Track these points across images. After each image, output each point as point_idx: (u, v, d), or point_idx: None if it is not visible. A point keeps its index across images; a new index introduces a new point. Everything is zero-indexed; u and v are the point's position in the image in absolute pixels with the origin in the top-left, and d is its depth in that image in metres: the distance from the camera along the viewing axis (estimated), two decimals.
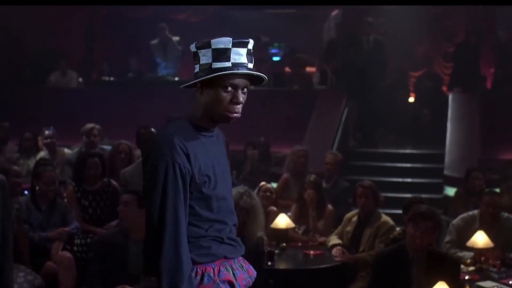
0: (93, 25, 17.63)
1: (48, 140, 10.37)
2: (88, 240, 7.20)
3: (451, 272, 5.61)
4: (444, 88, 14.41)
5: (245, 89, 3.27)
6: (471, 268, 6.47)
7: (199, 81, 3.26)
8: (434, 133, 12.83)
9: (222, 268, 3.28)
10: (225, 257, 3.31)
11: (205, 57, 3.24)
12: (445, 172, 11.14)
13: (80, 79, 15.97)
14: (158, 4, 15.66)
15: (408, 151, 12.67)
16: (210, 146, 3.31)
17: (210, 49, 3.23)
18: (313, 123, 12.41)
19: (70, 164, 9.32)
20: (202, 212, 3.24)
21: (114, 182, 7.62)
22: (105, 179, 7.64)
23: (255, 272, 3.50)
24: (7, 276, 4.72)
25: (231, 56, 3.21)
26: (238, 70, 3.20)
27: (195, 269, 3.21)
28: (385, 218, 7.24)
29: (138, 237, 6.05)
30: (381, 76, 12.86)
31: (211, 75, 3.20)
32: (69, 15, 16.39)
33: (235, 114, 3.25)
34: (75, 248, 7.20)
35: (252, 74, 3.25)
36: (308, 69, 15.34)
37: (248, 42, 3.27)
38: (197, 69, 3.28)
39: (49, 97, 14.44)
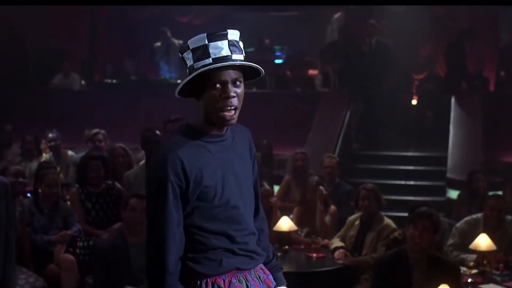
0: (97, 27, 17.64)
1: (53, 143, 10.36)
2: (91, 242, 7.21)
3: (451, 276, 5.61)
4: (445, 90, 14.39)
5: (238, 82, 3.10)
6: (474, 271, 6.47)
7: (183, 86, 3.12)
8: (437, 136, 12.83)
9: (233, 280, 3.18)
10: (239, 269, 3.20)
11: (188, 60, 3.13)
12: (448, 174, 11.13)
13: (83, 81, 15.97)
14: (160, 4, 15.63)
15: (410, 153, 12.66)
16: (219, 152, 3.17)
17: (190, 50, 3.12)
18: (316, 125, 12.40)
19: (75, 166, 9.34)
20: (207, 225, 3.14)
21: (118, 185, 7.62)
22: (110, 182, 7.64)
23: (274, 283, 3.38)
24: (10, 278, 4.72)
25: (210, 51, 3.07)
26: (217, 64, 3.04)
27: (205, 281, 3.14)
28: (387, 221, 7.24)
29: (138, 240, 6.06)
30: (384, 79, 12.85)
31: (189, 77, 3.08)
32: (72, 16, 16.39)
33: (229, 110, 3.08)
34: (78, 251, 7.21)
35: (239, 65, 3.10)
36: (311, 71, 15.34)
37: (226, 33, 3.12)
38: (187, 72, 3.15)
39: (52, 99, 14.44)
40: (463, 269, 6.35)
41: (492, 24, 14.97)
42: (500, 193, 8.35)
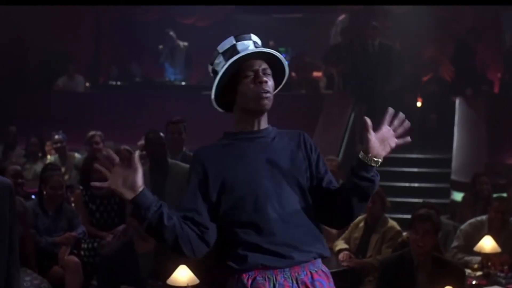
0: (101, 30, 17.67)
1: (58, 145, 10.37)
2: (95, 244, 7.21)
3: (456, 278, 5.61)
4: (450, 93, 14.38)
5: (268, 73, 3.26)
6: (479, 273, 6.46)
7: (218, 95, 3.29)
8: (441, 138, 12.80)
9: (259, 278, 3.15)
10: (265, 266, 3.16)
11: (220, 64, 3.26)
12: (452, 177, 11.12)
13: (87, 84, 15.99)
14: (161, 4, 15.62)
15: (415, 155, 12.64)
16: (250, 147, 3.26)
17: (220, 55, 3.27)
18: (320, 127, 12.40)
19: (77, 169, 9.33)
20: (234, 217, 3.18)
21: None
22: None
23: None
24: (14, 280, 4.72)
25: (238, 48, 3.25)
26: (246, 52, 3.23)
27: (232, 276, 3.18)
28: (392, 223, 7.23)
29: (146, 247, 6.06)
30: (387, 80, 12.85)
31: (222, 70, 3.22)
32: (77, 19, 16.42)
33: (264, 93, 3.22)
34: (82, 253, 7.21)
35: (267, 60, 3.28)
36: (315, 73, 15.33)
37: (250, 35, 3.33)
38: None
39: (56, 101, 14.46)
40: (467, 271, 6.35)
41: (495, 26, 14.97)
42: (504, 195, 8.34)
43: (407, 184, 11.66)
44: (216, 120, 2.79)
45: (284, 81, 3.42)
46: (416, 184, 11.71)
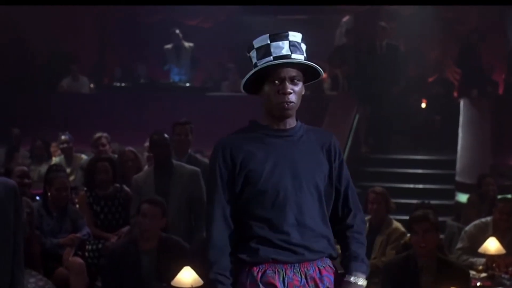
0: (106, 31, 17.68)
1: (65, 145, 10.37)
2: (100, 245, 7.22)
3: (460, 280, 5.60)
4: (456, 94, 14.37)
5: (296, 80, 3.29)
6: (483, 275, 6.44)
7: (248, 83, 3.32)
8: (446, 139, 12.79)
9: (269, 271, 3.22)
10: (276, 260, 3.23)
11: (253, 58, 3.31)
12: (457, 178, 11.11)
13: (92, 85, 15.99)
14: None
15: (419, 157, 12.63)
16: (276, 144, 3.31)
17: (254, 49, 3.31)
18: (325, 128, 12.38)
19: (83, 170, 9.34)
20: (252, 210, 3.25)
21: (126, 188, 7.61)
22: (117, 185, 7.64)
23: (327, 285, 3.33)
24: (18, 281, 4.73)
25: (271, 50, 3.26)
26: (275, 61, 3.23)
27: (243, 269, 3.26)
28: (396, 224, 7.23)
29: (149, 246, 6.06)
30: (393, 82, 12.83)
31: (250, 73, 3.28)
32: (80, 19, 16.44)
33: (285, 104, 3.26)
34: (87, 254, 7.21)
35: (298, 65, 3.28)
36: None
37: (287, 34, 3.30)
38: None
39: (61, 102, 14.47)
40: (472, 273, 6.33)
41: (500, 27, 14.94)
42: (509, 196, 8.32)
43: (411, 186, 11.64)
44: (220, 121, 2.77)
45: (319, 78, 3.46)
46: (420, 186, 11.69)
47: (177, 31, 15.09)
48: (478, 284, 6.18)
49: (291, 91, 3.26)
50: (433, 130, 13.68)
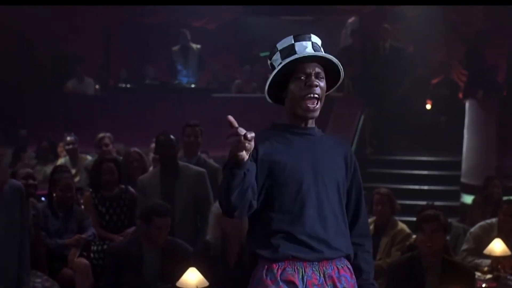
0: (110, 32, 17.70)
1: (70, 146, 10.37)
2: (105, 246, 7.21)
3: (465, 281, 5.59)
4: (461, 95, 14.37)
5: (321, 77, 3.33)
6: (488, 276, 6.44)
7: (270, 88, 3.34)
8: (451, 140, 12.78)
9: (288, 268, 3.22)
10: (296, 258, 3.23)
11: (277, 61, 3.34)
12: (462, 179, 11.09)
13: (97, 86, 16.00)
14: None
15: (424, 158, 12.62)
16: (298, 141, 3.34)
17: (278, 52, 3.35)
18: (330, 130, 12.38)
19: (88, 171, 9.34)
20: (274, 203, 3.26)
21: (131, 189, 7.61)
22: (123, 186, 7.63)
23: (345, 284, 3.32)
24: (24, 281, 4.74)
25: (296, 48, 3.31)
26: (302, 54, 3.28)
27: (263, 265, 3.25)
28: (401, 225, 7.23)
29: (154, 246, 6.07)
30: (397, 83, 12.84)
31: (277, 69, 3.30)
32: (85, 21, 16.46)
33: (311, 98, 3.29)
34: (92, 255, 7.22)
35: (323, 61, 3.32)
36: None
37: (310, 36, 3.36)
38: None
39: (66, 103, 14.48)
40: (477, 274, 6.33)
41: (505, 28, 14.92)
42: None
43: (416, 187, 11.64)
44: (225, 122, 2.78)
45: (338, 83, 3.52)
46: (425, 187, 11.69)
47: (186, 32, 15.05)
48: (484, 285, 6.17)
49: (317, 83, 3.30)
50: (438, 131, 13.67)
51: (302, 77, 3.29)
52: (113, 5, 15.71)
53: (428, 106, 14.57)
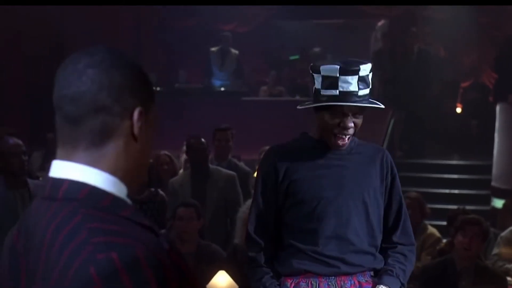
0: (140, 35, 17.78)
1: None
2: None
3: (498, 286, 5.57)
4: (492, 99, 14.28)
5: (358, 115, 3.26)
6: None
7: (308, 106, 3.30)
8: (482, 144, 12.72)
9: (302, 283, 3.22)
10: (309, 272, 3.22)
11: (317, 81, 3.24)
12: (493, 183, 11.03)
13: None
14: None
15: (455, 162, 12.58)
16: (323, 157, 3.31)
17: (320, 75, 3.22)
18: (359, 134, 12.36)
19: None
20: (293, 221, 3.26)
21: (161, 192, 7.63)
22: (153, 189, 7.65)
23: None
24: None
25: (339, 84, 3.17)
26: (342, 101, 3.17)
27: (279, 279, 3.27)
28: (431, 230, 7.21)
29: (186, 249, 6.09)
30: (427, 87, 12.79)
31: (315, 104, 3.23)
32: (116, 25, 16.55)
33: (343, 138, 3.24)
34: None
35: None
36: None
37: (358, 69, 3.19)
38: (313, 90, 3.30)
39: None
40: (508, 279, 6.30)
41: None
42: None
43: (447, 191, 11.59)
44: (255, 126, 2.76)
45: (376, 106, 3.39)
46: (456, 191, 11.63)
47: (229, 35, 14.99)
48: None
49: (352, 125, 3.25)
50: (469, 135, 13.61)
51: (338, 116, 3.22)
52: (141, 5, 15.77)
53: (459, 110, 14.51)
